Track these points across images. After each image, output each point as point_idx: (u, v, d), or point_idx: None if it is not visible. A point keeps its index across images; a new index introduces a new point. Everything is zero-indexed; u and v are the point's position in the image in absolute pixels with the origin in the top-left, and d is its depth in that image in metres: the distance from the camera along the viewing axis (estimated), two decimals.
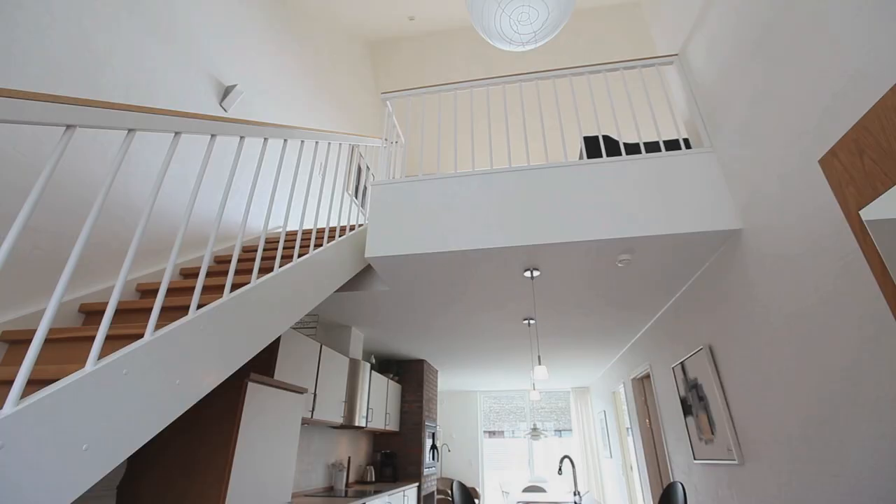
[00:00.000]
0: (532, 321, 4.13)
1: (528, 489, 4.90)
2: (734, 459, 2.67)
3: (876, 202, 1.00)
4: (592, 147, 2.97)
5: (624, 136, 5.86)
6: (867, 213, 1.08)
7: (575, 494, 3.09)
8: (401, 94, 3.26)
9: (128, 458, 2.15)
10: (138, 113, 1.32)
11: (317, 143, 2.63)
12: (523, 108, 3.05)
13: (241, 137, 1.84)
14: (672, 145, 2.91)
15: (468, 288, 3.26)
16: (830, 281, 1.75)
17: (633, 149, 2.94)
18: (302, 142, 2.43)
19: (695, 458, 3.30)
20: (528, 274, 2.93)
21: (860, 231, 1.12)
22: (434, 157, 7.29)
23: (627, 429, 5.78)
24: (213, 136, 1.65)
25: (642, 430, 4.93)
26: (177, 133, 1.48)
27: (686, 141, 2.92)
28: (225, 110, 3.30)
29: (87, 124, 1.14)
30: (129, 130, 1.29)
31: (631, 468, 5.83)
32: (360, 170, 5.78)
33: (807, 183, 1.81)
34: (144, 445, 2.17)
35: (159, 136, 2.59)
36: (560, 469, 3.18)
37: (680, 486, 1.87)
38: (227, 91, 3.33)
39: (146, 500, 2.07)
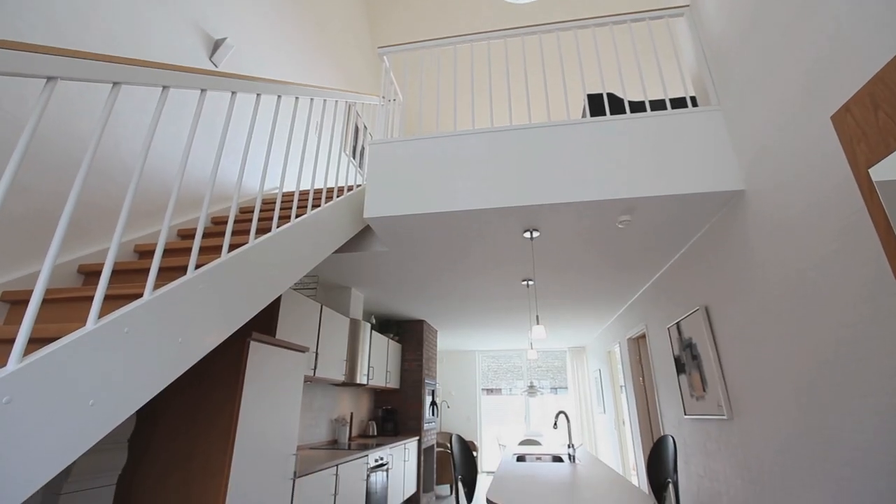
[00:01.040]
0: (531, 282, 4.16)
1: (524, 442, 5.12)
2: (723, 415, 2.76)
3: (887, 159, 0.97)
4: (596, 105, 2.88)
5: (629, 95, 5.70)
6: (877, 172, 1.06)
7: (569, 447, 3.22)
8: (398, 48, 3.13)
9: (137, 413, 2.21)
10: (124, 65, 1.26)
11: (312, 99, 2.55)
12: (525, 64, 2.93)
13: (233, 93, 1.77)
14: (678, 103, 2.83)
15: (468, 249, 3.26)
16: (832, 242, 1.74)
17: (637, 107, 2.85)
18: (296, 98, 2.35)
19: (685, 414, 3.42)
20: (527, 235, 2.91)
21: (868, 190, 1.10)
22: (433, 115, 7.11)
23: (621, 386, 5.96)
24: (203, 90, 1.59)
25: (636, 388, 5.08)
26: (165, 87, 1.42)
27: (693, 99, 2.83)
28: (215, 66, 3.18)
29: (69, 76, 1.09)
30: (115, 84, 1.24)
31: (623, 423, 6.05)
32: (357, 129, 5.65)
33: (816, 141, 1.77)
34: (153, 400, 2.24)
35: (148, 92, 2.51)
36: (556, 423, 3.30)
37: (671, 438, 1.94)
38: (216, 45, 3.19)
39: (157, 452, 2.15)
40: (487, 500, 1.85)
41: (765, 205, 2.20)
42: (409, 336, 6.11)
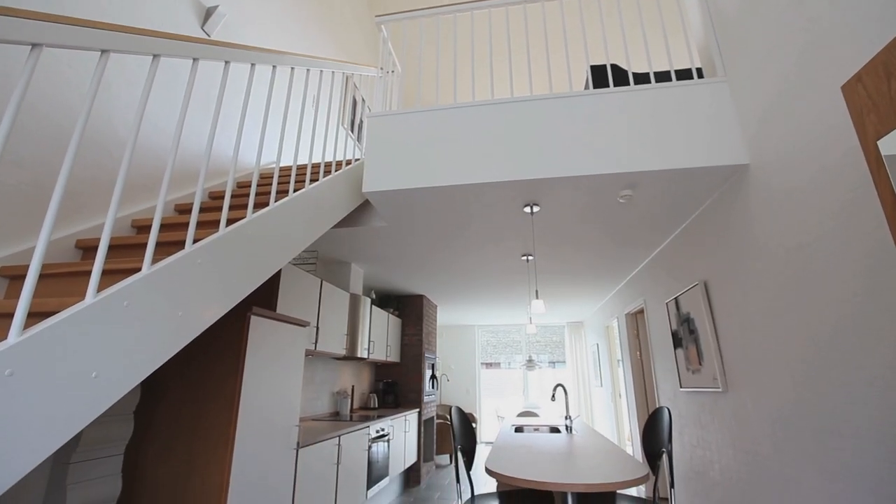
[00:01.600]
0: (531, 257, 4.16)
1: (522, 414, 5.23)
2: (718, 388, 2.80)
3: None
4: (599, 77, 2.81)
5: (634, 67, 5.56)
6: (886, 144, 1.04)
7: (566, 418, 3.29)
8: (396, 16, 3.04)
9: (142, 386, 2.25)
10: (112, 32, 1.22)
11: (308, 70, 2.48)
12: (527, 35, 2.85)
13: (226, 63, 1.72)
14: (684, 75, 2.76)
15: (468, 223, 3.25)
16: (835, 216, 1.73)
17: (642, 79, 2.79)
18: (292, 69, 2.29)
19: (681, 387, 3.48)
20: (527, 209, 2.89)
21: (875, 163, 1.08)
22: (432, 87, 6.96)
23: (618, 360, 6.05)
24: (195, 60, 1.54)
25: (633, 362, 5.16)
26: (155, 56, 1.38)
27: (699, 71, 2.76)
28: (207, 35, 3.08)
29: (55, 43, 1.06)
30: (103, 52, 1.20)
31: (619, 396, 6.17)
32: (355, 102, 5.54)
33: (823, 112, 1.73)
34: (157, 373, 2.27)
35: (140, 66, 2.44)
36: (553, 396, 3.35)
37: (666, 410, 1.98)
38: (208, 13, 3.09)
39: (162, 424, 2.20)
40: (486, 469, 1.90)
41: (768, 179, 2.17)
42: (409, 311, 6.15)
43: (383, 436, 4.21)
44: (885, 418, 1.54)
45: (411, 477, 5.43)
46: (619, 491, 2.20)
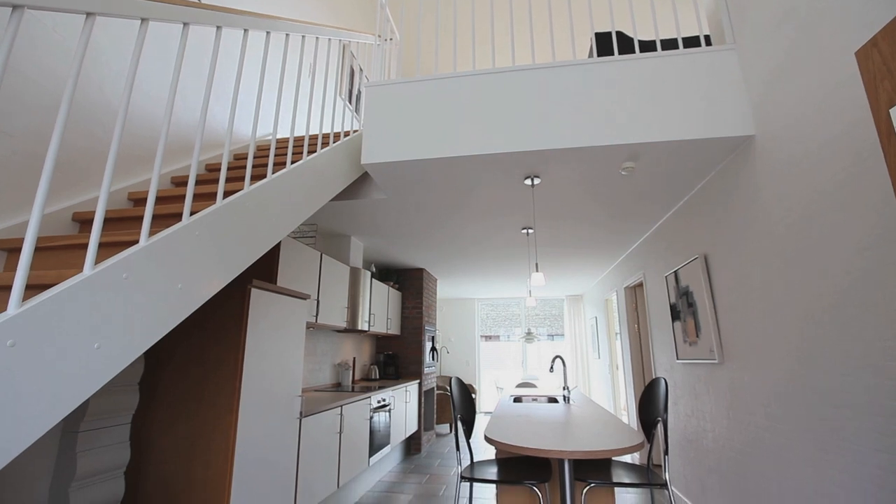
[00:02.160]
0: (530, 230, 4.15)
1: (521, 385, 5.33)
2: (714, 359, 2.84)
3: None
4: (604, 45, 2.73)
5: (640, 34, 5.40)
6: None
7: (564, 389, 3.35)
8: None
9: (146, 357, 2.28)
10: None
11: (303, 37, 2.40)
12: (529, 0, 2.74)
13: (218, 28, 1.67)
14: (692, 43, 2.68)
15: (468, 196, 3.22)
16: (839, 189, 1.71)
17: (648, 47, 2.70)
18: (287, 35, 2.22)
19: (677, 358, 3.53)
20: (528, 182, 2.86)
21: (886, 132, 1.05)
22: (432, 56, 6.77)
23: (616, 333, 6.12)
24: (185, 24, 1.49)
25: (630, 334, 5.22)
26: (144, 20, 1.32)
27: (707, 38, 2.67)
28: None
29: (37, 5, 1.01)
30: (88, 14, 1.15)
31: (617, 368, 6.28)
32: (352, 72, 5.40)
33: (835, 81, 1.68)
34: (160, 345, 2.29)
35: (130, 29, 2.36)
36: (552, 367, 3.41)
37: (663, 380, 2.01)
38: None
39: (167, 394, 2.23)
40: (486, 437, 1.94)
41: (773, 151, 2.14)
42: (409, 284, 6.19)
43: (384, 406, 4.30)
44: (880, 390, 1.56)
45: (412, 445, 5.58)
46: (614, 458, 2.26)
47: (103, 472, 2.00)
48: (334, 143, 2.65)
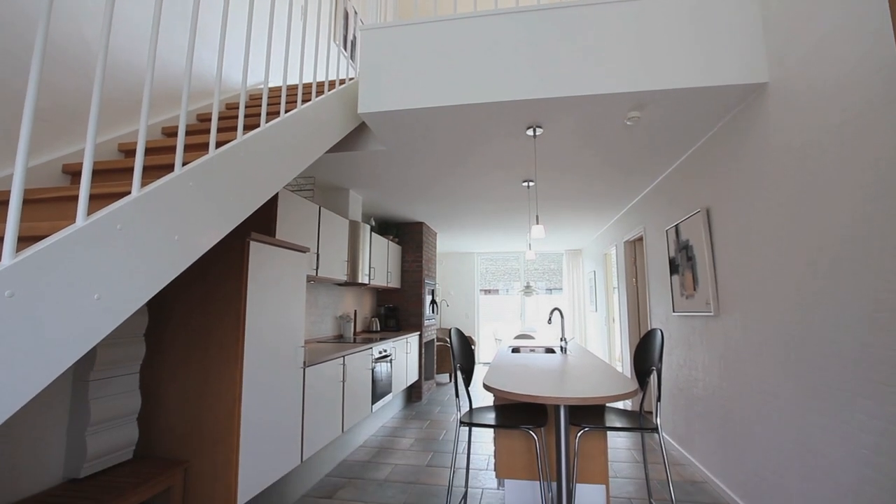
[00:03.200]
0: (531, 183, 4.09)
1: (519, 337, 5.45)
2: (710, 312, 2.89)
3: None
4: None
5: None
6: None
7: (561, 340, 3.43)
8: None
9: (150, 310, 2.30)
10: None
11: None
12: None
13: None
14: None
15: (468, 147, 3.14)
16: (850, 140, 1.65)
17: None
18: None
19: (673, 311, 3.59)
20: (530, 132, 2.78)
21: None
22: None
23: (614, 288, 6.19)
24: None
25: (628, 288, 5.28)
26: None
27: None
28: None
29: None
30: None
31: (613, 320, 6.40)
32: (346, 15, 5.12)
33: (860, 21, 1.59)
34: (162, 297, 2.31)
35: None
36: (550, 319, 3.46)
37: (660, 331, 2.05)
38: None
39: (172, 345, 2.28)
40: (484, 385, 2.00)
41: (786, 100, 2.06)
42: (409, 238, 6.18)
43: (386, 356, 4.42)
44: (871, 339, 1.59)
45: (413, 394, 5.80)
46: (608, 404, 2.34)
47: (116, 418, 2.07)
48: (329, 91, 2.55)
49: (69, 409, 1.95)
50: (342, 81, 2.88)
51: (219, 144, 1.69)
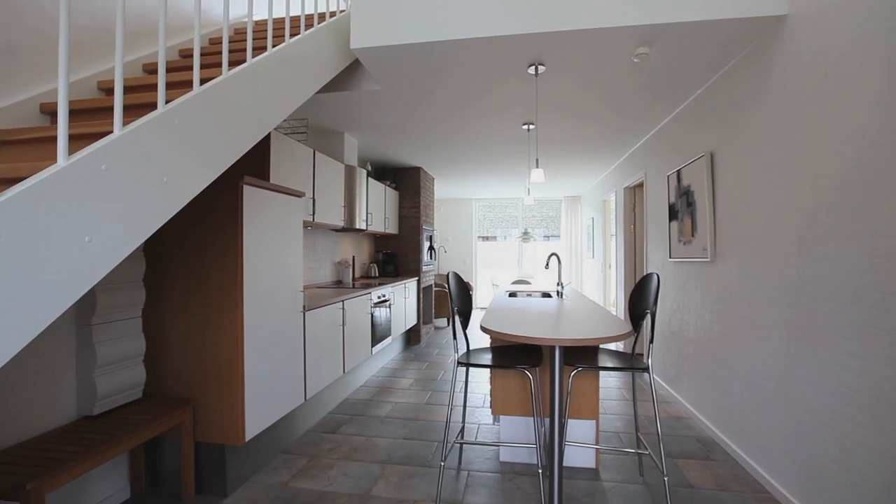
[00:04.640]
0: (531, 126, 3.96)
1: (516, 282, 5.52)
2: (706, 258, 2.90)
3: None
4: None
5: None
6: None
7: (558, 285, 3.47)
8: None
9: (147, 256, 2.29)
10: None
11: None
12: None
13: None
14: None
15: (468, 87, 3.01)
16: (870, 80, 1.57)
17: None
18: None
19: (670, 257, 3.61)
20: (532, 70, 2.64)
21: None
22: None
23: (612, 235, 6.19)
24: None
25: (626, 235, 5.28)
26: None
27: None
28: None
29: None
30: None
31: (609, 267, 6.47)
32: None
33: None
34: (160, 243, 2.30)
35: None
36: (547, 264, 3.49)
37: (656, 275, 2.06)
38: None
39: (172, 289, 2.29)
40: (481, 327, 2.04)
41: (803, 35, 1.94)
42: (406, 183, 6.09)
43: (384, 301, 4.49)
44: (862, 282, 1.60)
45: (412, 337, 5.96)
46: (601, 346, 2.41)
47: (122, 360, 2.13)
48: (320, 24, 2.38)
49: (75, 352, 2.00)
50: (332, 14, 2.70)
51: (204, 82, 1.60)
